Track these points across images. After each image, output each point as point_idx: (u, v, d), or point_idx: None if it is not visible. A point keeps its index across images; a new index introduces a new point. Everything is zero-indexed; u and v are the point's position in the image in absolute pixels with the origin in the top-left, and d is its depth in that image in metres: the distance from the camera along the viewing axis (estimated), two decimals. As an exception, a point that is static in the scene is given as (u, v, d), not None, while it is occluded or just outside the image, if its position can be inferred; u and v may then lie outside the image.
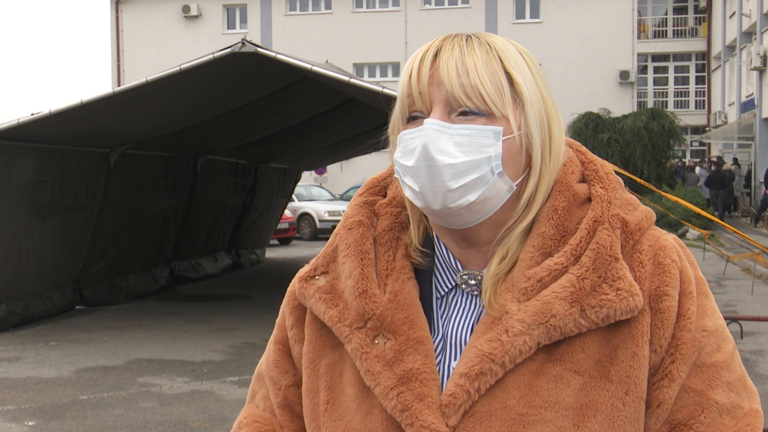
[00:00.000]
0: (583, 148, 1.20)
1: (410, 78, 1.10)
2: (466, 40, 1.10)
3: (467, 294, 1.14)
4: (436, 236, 1.18)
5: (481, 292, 1.13)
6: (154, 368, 7.70)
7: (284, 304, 1.28)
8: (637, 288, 1.05)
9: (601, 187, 1.13)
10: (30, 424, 6.03)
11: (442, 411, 1.05)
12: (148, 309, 11.15)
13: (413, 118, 1.11)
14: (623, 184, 1.17)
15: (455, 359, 1.10)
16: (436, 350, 1.12)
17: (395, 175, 1.14)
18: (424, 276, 1.16)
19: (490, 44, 1.10)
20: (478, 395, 1.04)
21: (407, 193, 1.11)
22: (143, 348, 8.57)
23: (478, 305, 1.13)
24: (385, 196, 1.24)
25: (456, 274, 1.15)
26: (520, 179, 1.10)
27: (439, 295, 1.16)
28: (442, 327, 1.14)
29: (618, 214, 1.10)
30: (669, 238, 1.13)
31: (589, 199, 1.13)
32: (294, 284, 1.25)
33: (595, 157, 1.19)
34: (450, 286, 1.15)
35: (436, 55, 1.10)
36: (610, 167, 1.17)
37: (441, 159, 1.05)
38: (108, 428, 5.91)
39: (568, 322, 1.04)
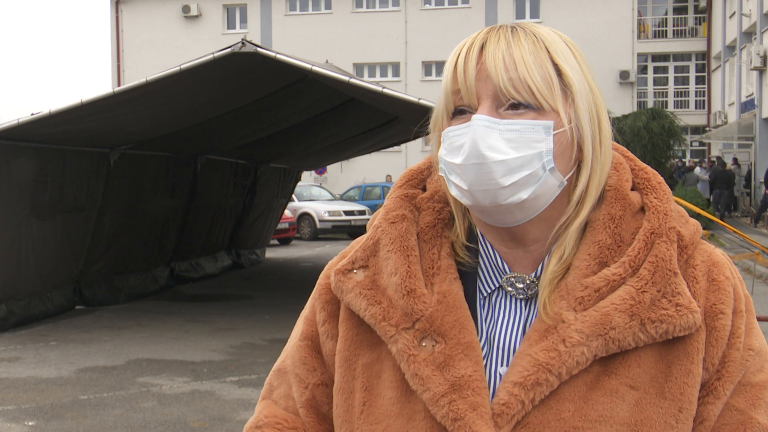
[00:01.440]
0: (631, 155, 1.17)
1: (455, 71, 1.07)
2: (512, 31, 1.07)
3: (512, 297, 1.11)
4: (481, 234, 1.14)
5: (527, 296, 1.10)
6: (154, 368, 7.70)
7: (315, 297, 1.22)
8: (695, 305, 1.04)
9: (655, 198, 1.10)
10: (30, 424, 6.03)
11: (494, 420, 1.02)
12: (147, 309, 11.15)
13: (459, 113, 1.07)
14: (672, 195, 1.15)
15: (502, 365, 1.07)
16: None
17: (440, 173, 1.10)
18: (467, 276, 1.12)
19: (536, 35, 1.07)
20: (532, 406, 1.01)
21: (453, 192, 1.08)
22: (143, 348, 8.57)
23: (524, 310, 1.10)
24: (424, 189, 1.19)
25: (502, 276, 1.11)
26: (570, 174, 1.07)
27: (482, 296, 1.12)
28: (487, 330, 1.10)
29: (674, 227, 1.08)
30: (719, 252, 1.12)
31: (641, 209, 1.10)
32: (327, 277, 1.19)
33: (646, 165, 1.16)
34: (494, 287, 1.12)
35: (481, 48, 1.06)
36: (660, 176, 1.15)
37: (491, 156, 1.02)
38: (108, 428, 5.91)
39: (627, 336, 1.02)
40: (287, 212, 20.50)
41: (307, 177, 29.12)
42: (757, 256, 12.04)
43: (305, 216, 23.45)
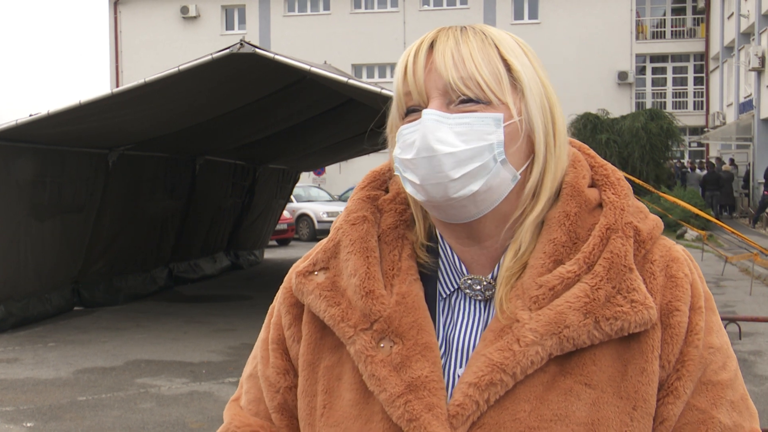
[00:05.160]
0: (592, 151, 1.17)
1: (406, 72, 1.08)
2: (461, 30, 1.08)
3: (470, 299, 1.11)
4: (440, 235, 1.14)
5: (484, 297, 1.10)
6: (152, 369, 7.70)
7: (279, 301, 1.22)
8: (651, 301, 1.03)
9: (613, 193, 1.10)
10: (28, 425, 6.02)
11: (450, 422, 1.01)
12: (146, 310, 11.15)
13: (412, 112, 1.08)
14: (632, 191, 1.14)
15: (460, 366, 1.07)
16: None
17: (395, 173, 1.11)
18: (427, 277, 1.12)
19: (485, 33, 1.08)
20: (487, 406, 1.01)
21: (408, 189, 1.08)
22: (142, 349, 8.57)
23: (483, 311, 1.10)
24: (387, 191, 1.19)
25: (460, 278, 1.11)
26: (524, 168, 1.07)
27: (441, 298, 1.12)
28: (446, 332, 1.10)
29: (631, 222, 1.07)
30: (679, 249, 1.11)
31: (599, 205, 1.10)
32: (289, 279, 1.19)
33: (605, 161, 1.16)
34: (453, 288, 1.12)
35: (431, 47, 1.07)
36: (620, 173, 1.15)
37: (441, 148, 1.02)
38: (106, 429, 5.90)
39: (581, 334, 1.01)
40: (286, 213, 20.50)
41: (306, 178, 29.11)
42: (755, 256, 12.06)
43: (304, 217, 23.46)
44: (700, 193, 24.85)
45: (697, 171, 28.62)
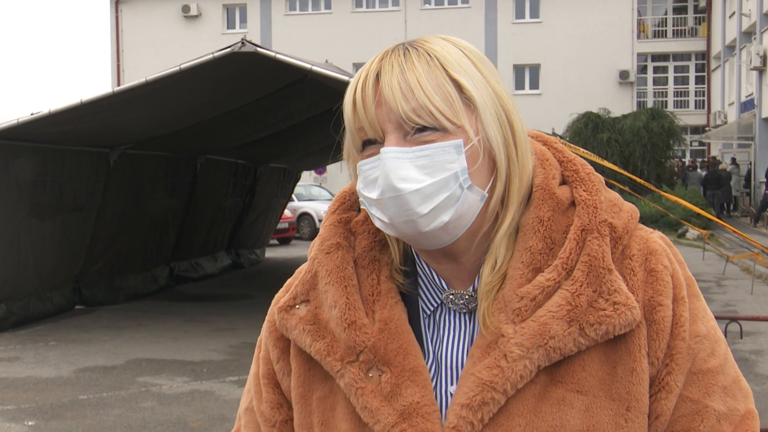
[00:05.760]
0: (560, 146, 1.15)
1: (355, 107, 1.05)
2: (404, 54, 1.04)
3: (455, 312, 1.10)
4: (416, 254, 1.13)
5: (469, 310, 1.09)
6: (153, 368, 7.70)
7: (265, 336, 1.21)
8: (633, 300, 1.02)
9: (584, 191, 1.08)
10: (29, 423, 6.03)
11: None
12: (147, 309, 11.15)
13: (369, 143, 1.05)
14: (604, 182, 1.13)
15: (452, 384, 1.07)
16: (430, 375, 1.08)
17: (362, 206, 1.09)
18: (408, 297, 1.12)
19: (429, 53, 1.04)
20: (481, 425, 1.01)
21: (377, 224, 1.06)
22: (143, 348, 8.57)
23: (468, 323, 1.09)
24: (358, 210, 1.17)
25: (442, 293, 1.10)
26: (490, 184, 1.06)
27: (425, 315, 1.11)
28: (434, 349, 1.10)
29: (605, 220, 1.06)
30: (656, 238, 1.10)
31: (572, 203, 1.09)
32: (272, 314, 1.18)
33: (574, 155, 1.14)
34: (436, 304, 1.11)
35: (377, 78, 1.04)
36: (590, 166, 1.13)
37: (405, 187, 1.00)
38: (107, 428, 5.90)
39: (567, 343, 1.01)
40: (287, 212, 20.51)
41: (307, 177, 29.10)
42: (756, 256, 12.05)
43: (305, 216, 23.46)
44: (701, 192, 24.86)
45: (698, 170, 28.60)
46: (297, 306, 1.14)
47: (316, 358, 1.10)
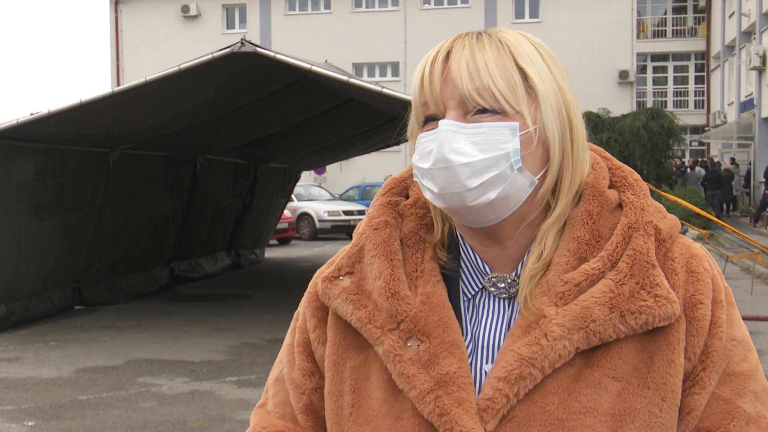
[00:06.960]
0: (608, 155, 1.20)
1: (422, 82, 1.10)
2: (477, 38, 1.10)
3: (495, 297, 1.14)
4: (461, 237, 1.17)
5: (509, 295, 1.12)
6: (153, 368, 7.70)
7: (304, 306, 1.25)
8: (674, 295, 1.06)
9: (632, 194, 1.13)
10: (29, 424, 6.03)
11: (480, 415, 1.04)
12: (147, 309, 11.15)
13: (430, 119, 1.10)
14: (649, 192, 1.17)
15: (487, 362, 1.09)
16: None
17: (415, 179, 1.13)
18: (450, 278, 1.15)
19: (501, 41, 1.09)
20: (516, 400, 1.04)
21: (427, 195, 1.10)
22: (143, 348, 8.57)
23: (507, 309, 1.12)
24: (407, 197, 1.22)
25: (484, 277, 1.14)
26: (542, 173, 1.10)
27: (466, 298, 1.15)
28: (472, 330, 1.12)
29: (652, 221, 1.11)
30: (698, 246, 1.14)
31: (619, 206, 1.13)
32: (315, 285, 1.22)
33: (622, 163, 1.19)
34: (477, 289, 1.14)
35: (447, 56, 1.09)
36: (637, 174, 1.18)
37: (456, 159, 1.05)
38: (107, 428, 5.91)
39: (607, 328, 1.04)
40: (287, 212, 20.50)
41: (307, 177, 29.12)
42: (756, 255, 12.06)
43: (305, 216, 23.45)
44: (702, 192, 24.87)
45: (698, 169, 28.60)
46: (341, 277, 1.17)
47: (356, 326, 1.13)
